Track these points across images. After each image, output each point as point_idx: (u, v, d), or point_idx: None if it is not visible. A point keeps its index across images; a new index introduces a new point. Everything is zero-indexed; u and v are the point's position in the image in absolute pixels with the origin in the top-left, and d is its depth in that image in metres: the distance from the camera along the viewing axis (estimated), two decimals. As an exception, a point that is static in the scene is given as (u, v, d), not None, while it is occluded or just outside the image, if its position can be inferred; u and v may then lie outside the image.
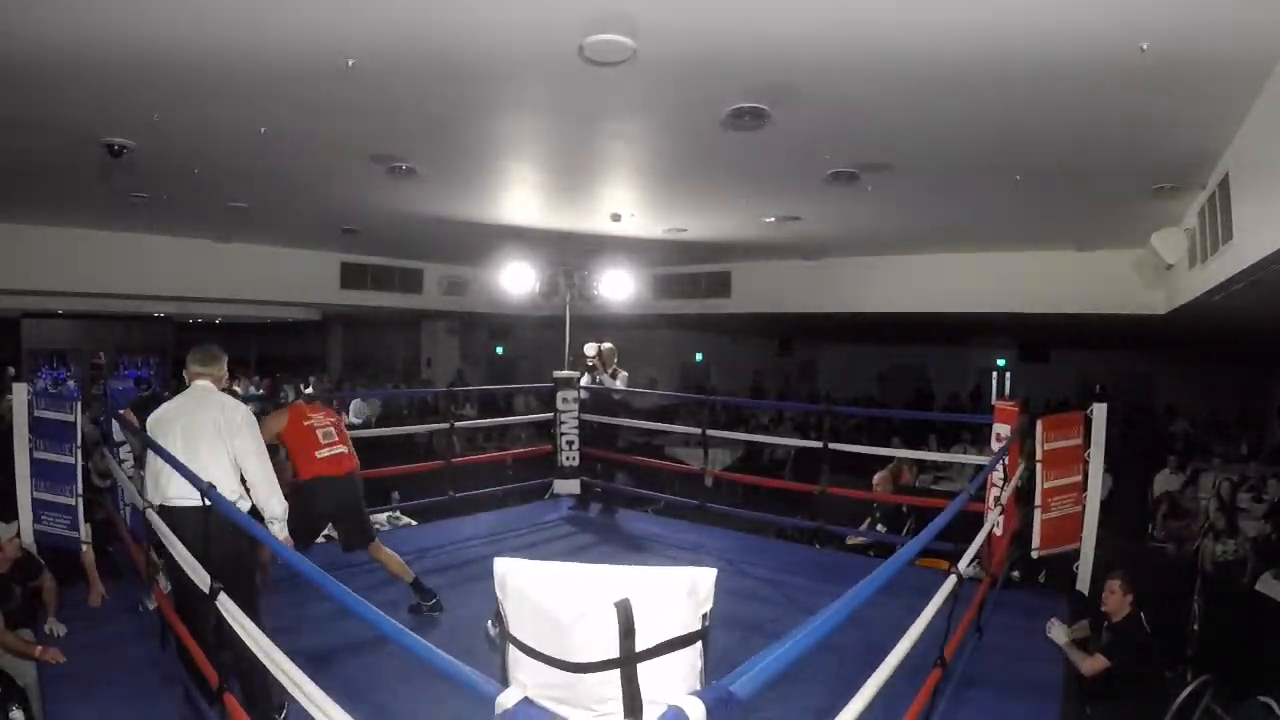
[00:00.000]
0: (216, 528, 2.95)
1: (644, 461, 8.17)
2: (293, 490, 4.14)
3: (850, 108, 4.05)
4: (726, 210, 6.97)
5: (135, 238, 8.53)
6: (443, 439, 7.06)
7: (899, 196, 5.94)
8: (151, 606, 3.90)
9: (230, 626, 2.30)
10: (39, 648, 3.52)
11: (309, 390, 4.78)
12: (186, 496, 3.05)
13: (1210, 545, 6.33)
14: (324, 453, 4.34)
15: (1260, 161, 3.79)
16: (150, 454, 3.25)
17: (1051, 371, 16.57)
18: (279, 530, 3.30)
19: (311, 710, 1.88)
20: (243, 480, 3.25)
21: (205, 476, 2.94)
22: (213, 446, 3.20)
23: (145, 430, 3.31)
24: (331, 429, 4.37)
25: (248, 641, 2.23)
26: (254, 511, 3.25)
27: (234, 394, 3.99)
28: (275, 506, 3.32)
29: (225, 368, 3.50)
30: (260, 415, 4.38)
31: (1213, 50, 3.13)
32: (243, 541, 3.07)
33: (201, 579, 2.64)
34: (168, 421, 3.25)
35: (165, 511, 3.11)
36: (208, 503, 2.93)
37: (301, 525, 4.28)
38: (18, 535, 4.12)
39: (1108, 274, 7.87)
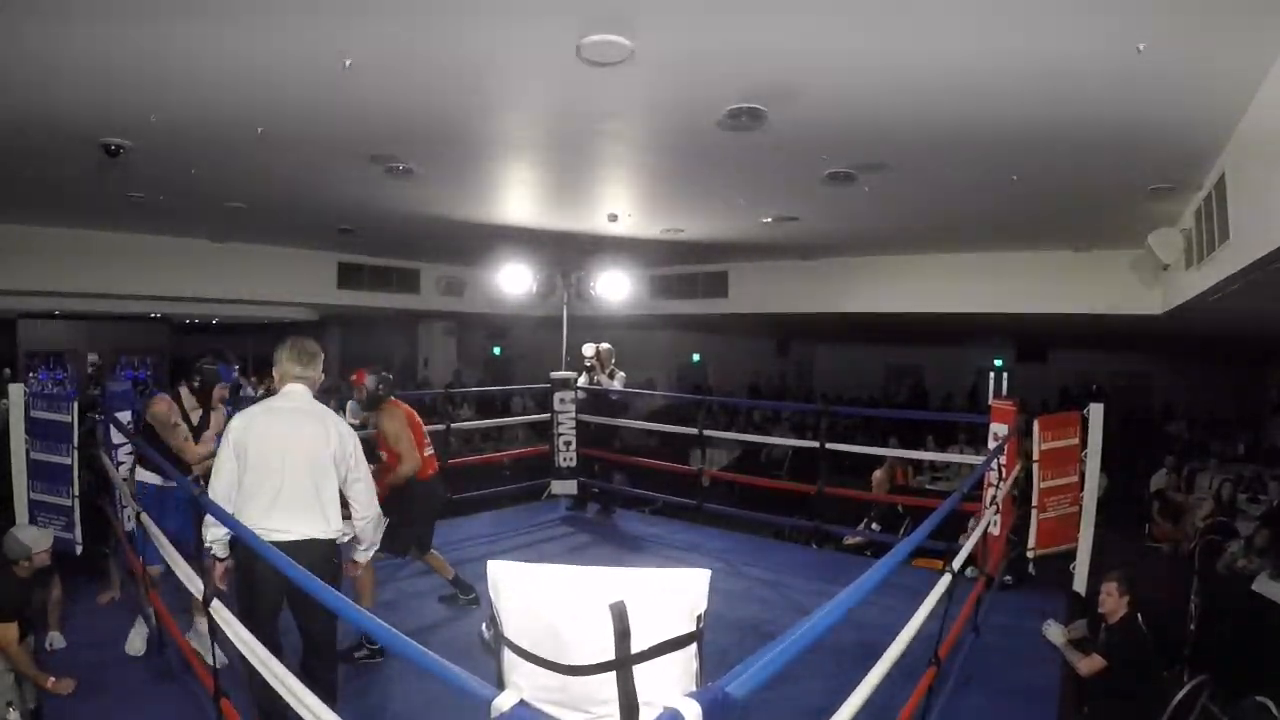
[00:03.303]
0: (327, 565, 2.69)
1: (641, 462, 8.17)
2: (413, 493, 4.07)
3: (847, 109, 4.05)
4: (724, 211, 6.97)
5: (132, 238, 8.51)
6: (440, 439, 7.05)
7: (896, 197, 5.94)
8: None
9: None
10: (51, 679, 3.49)
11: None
12: (284, 529, 2.68)
13: (1237, 555, 6.29)
14: (429, 450, 4.24)
15: (1256, 162, 3.79)
16: (223, 468, 2.76)
17: (1049, 372, 16.60)
18: (365, 558, 3.12)
19: (307, 716, 1.88)
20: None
21: (317, 508, 2.71)
22: (324, 471, 2.78)
23: (232, 435, 2.79)
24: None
25: (244, 652, 2.23)
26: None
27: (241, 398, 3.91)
28: (376, 537, 3.06)
29: (322, 367, 3.02)
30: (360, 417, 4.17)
31: (1209, 50, 3.14)
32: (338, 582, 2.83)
33: (197, 587, 2.63)
34: (261, 436, 2.75)
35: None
36: (335, 537, 2.74)
37: (426, 530, 4.27)
38: (49, 546, 3.93)
39: (1104, 274, 7.88)
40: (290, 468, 2.72)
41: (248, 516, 2.65)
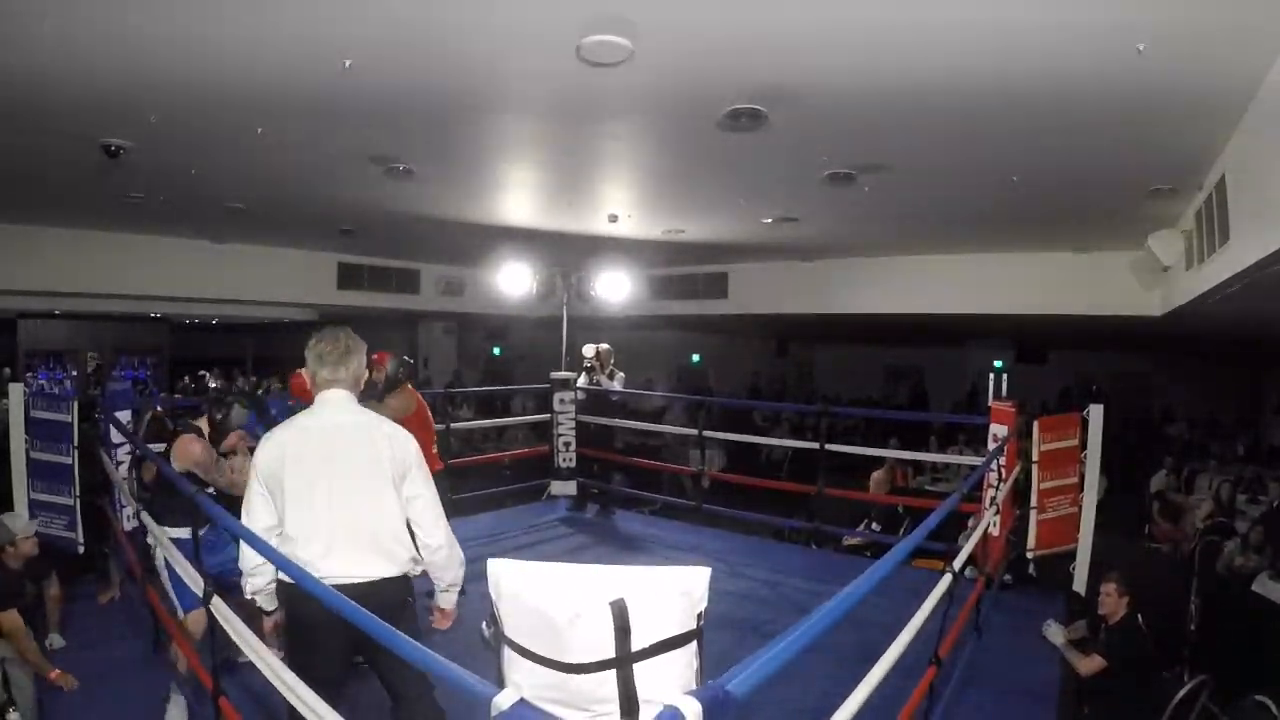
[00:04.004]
0: (403, 608, 2.33)
1: (641, 463, 8.17)
2: None
3: (847, 110, 4.05)
4: (724, 211, 6.98)
5: (132, 238, 8.52)
6: (440, 440, 7.05)
7: (896, 198, 5.94)
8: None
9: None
10: (55, 671, 3.48)
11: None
12: (343, 574, 2.23)
13: (1234, 553, 6.30)
14: (435, 449, 3.97)
15: (1257, 163, 3.79)
16: (255, 510, 2.31)
17: (1049, 373, 16.59)
18: (449, 602, 2.53)
19: (306, 714, 1.88)
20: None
21: (381, 542, 2.29)
22: (381, 495, 2.31)
23: (259, 470, 2.33)
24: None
25: (245, 650, 2.22)
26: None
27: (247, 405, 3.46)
28: (458, 572, 2.48)
29: (365, 360, 2.51)
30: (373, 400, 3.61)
31: (1210, 51, 3.14)
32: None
33: (198, 584, 2.57)
34: (297, 464, 2.27)
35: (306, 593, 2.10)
36: (407, 571, 2.34)
37: None
38: (35, 534, 3.98)
39: (1105, 276, 7.88)
40: (340, 499, 2.26)
41: (300, 564, 2.19)
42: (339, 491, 2.26)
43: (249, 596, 2.37)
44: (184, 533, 3.09)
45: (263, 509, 2.30)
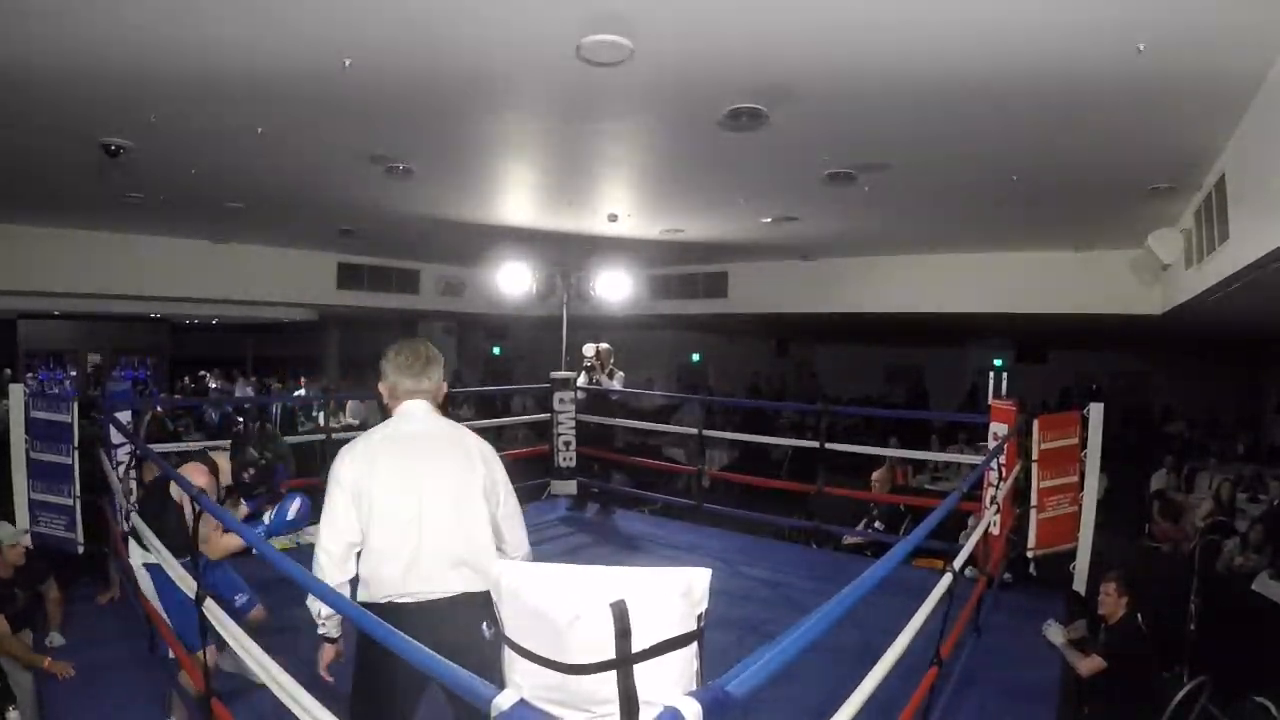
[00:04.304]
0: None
1: (641, 462, 8.17)
2: None
3: (847, 109, 4.05)
4: (724, 211, 6.98)
5: (132, 238, 8.53)
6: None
7: (896, 197, 5.95)
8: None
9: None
10: (47, 660, 3.49)
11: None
12: (427, 589, 2.15)
13: (1234, 553, 6.29)
14: None
15: (1256, 162, 3.80)
16: (339, 524, 2.17)
17: (1049, 372, 16.60)
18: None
19: (303, 716, 1.88)
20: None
21: (470, 558, 2.18)
22: (474, 510, 2.24)
23: (346, 482, 2.19)
24: None
25: (241, 654, 2.22)
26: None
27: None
28: None
29: (444, 371, 2.41)
30: None
31: (1210, 50, 3.14)
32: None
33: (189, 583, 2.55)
34: (388, 476, 2.19)
35: (394, 609, 2.10)
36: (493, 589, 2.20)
37: None
38: (22, 541, 3.94)
39: (1104, 274, 7.89)
40: (430, 512, 2.17)
41: (381, 581, 2.15)
42: (430, 504, 2.18)
43: (319, 622, 2.23)
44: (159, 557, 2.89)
45: (348, 523, 2.17)
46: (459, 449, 2.28)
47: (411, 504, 2.16)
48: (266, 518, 3.08)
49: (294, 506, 3.06)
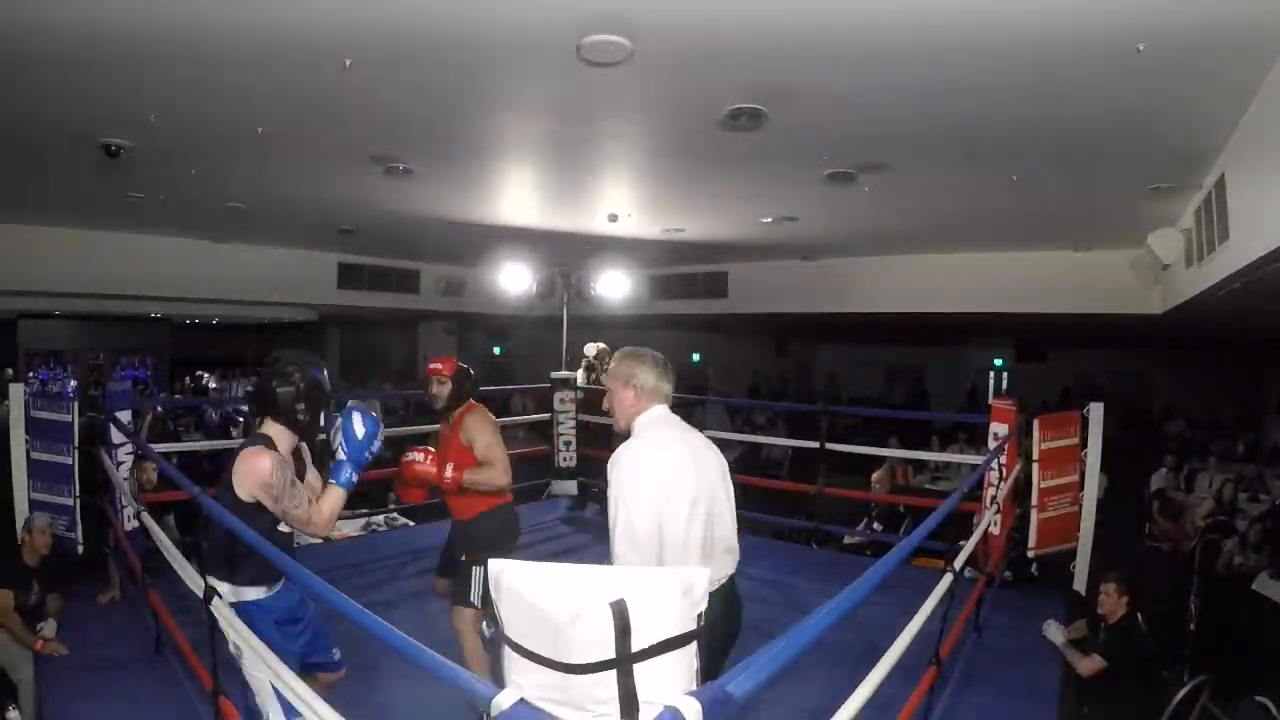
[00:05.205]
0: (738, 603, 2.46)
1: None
2: (502, 520, 3.63)
3: (847, 108, 4.05)
4: (724, 211, 6.98)
5: (132, 238, 8.51)
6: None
7: (896, 197, 5.94)
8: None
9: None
10: (40, 640, 3.51)
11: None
12: (714, 578, 2.25)
13: (1234, 552, 6.29)
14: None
15: (1257, 161, 3.79)
16: (641, 534, 2.16)
17: (1049, 372, 16.61)
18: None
19: (306, 713, 1.88)
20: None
21: (731, 543, 2.39)
22: (729, 501, 2.40)
23: (651, 489, 2.21)
24: None
25: (244, 648, 2.22)
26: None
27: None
28: None
29: None
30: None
31: (1210, 49, 3.14)
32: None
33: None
34: (686, 477, 2.25)
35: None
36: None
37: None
38: (49, 528, 4.05)
39: (1104, 274, 7.89)
40: (713, 510, 2.30)
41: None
42: (707, 504, 2.29)
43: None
44: (260, 593, 2.44)
45: (654, 534, 2.16)
46: (711, 447, 2.44)
47: (703, 507, 2.28)
48: (339, 451, 2.50)
49: (356, 422, 2.49)
